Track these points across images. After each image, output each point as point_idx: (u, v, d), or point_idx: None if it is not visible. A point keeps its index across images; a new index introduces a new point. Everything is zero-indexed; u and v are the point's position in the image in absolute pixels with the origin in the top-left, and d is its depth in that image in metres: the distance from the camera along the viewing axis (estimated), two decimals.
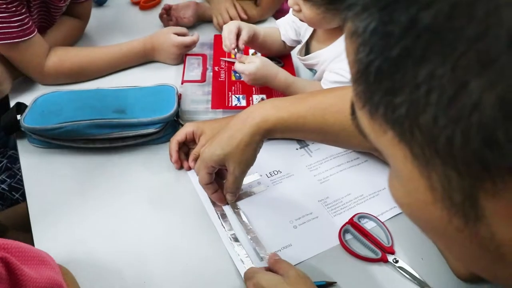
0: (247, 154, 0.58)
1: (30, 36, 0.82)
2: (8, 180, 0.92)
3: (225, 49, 0.83)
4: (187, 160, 0.72)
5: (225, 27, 0.82)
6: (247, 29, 0.82)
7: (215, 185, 0.63)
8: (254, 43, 0.88)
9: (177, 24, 1.07)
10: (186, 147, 0.73)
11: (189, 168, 0.71)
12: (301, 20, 0.77)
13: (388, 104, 0.23)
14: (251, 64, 0.76)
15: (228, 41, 0.80)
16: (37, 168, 0.72)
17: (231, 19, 1.07)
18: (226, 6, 1.09)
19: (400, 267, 0.58)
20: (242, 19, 1.08)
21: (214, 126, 0.71)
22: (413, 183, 0.24)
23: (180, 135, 0.71)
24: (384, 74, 0.23)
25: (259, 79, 0.77)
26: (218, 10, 1.09)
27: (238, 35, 0.82)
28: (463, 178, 0.22)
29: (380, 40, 0.22)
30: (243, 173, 0.61)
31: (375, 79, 0.23)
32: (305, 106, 0.58)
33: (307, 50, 0.88)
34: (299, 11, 0.74)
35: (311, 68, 0.89)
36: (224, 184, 0.63)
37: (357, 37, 0.24)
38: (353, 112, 0.29)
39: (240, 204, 0.66)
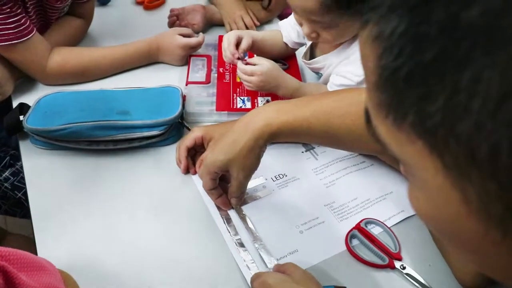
0: (251, 159, 0.57)
1: (29, 37, 0.80)
2: (12, 178, 0.91)
3: (225, 59, 0.83)
4: (194, 164, 0.71)
5: (224, 37, 0.82)
6: (247, 38, 0.82)
7: (219, 190, 0.62)
8: (256, 48, 0.87)
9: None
10: (193, 150, 0.72)
11: (195, 172, 0.70)
12: (311, 39, 0.76)
13: (419, 113, 0.21)
14: (262, 65, 0.75)
15: (228, 52, 0.80)
16: (40, 169, 0.72)
17: (246, 25, 1.07)
18: (241, 14, 1.07)
19: (407, 274, 0.57)
20: (255, 26, 1.08)
21: (223, 131, 0.70)
22: (443, 195, 0.23)
23: (189, 140, 0.70)
24: (415, 80, 0.21)
25: (270, 81, 0.76)
26: (232, 18, 1.08)
27: (238, 44, 0.81)
28: (506, 189, 0.20)
29: (411, 42, 0.21)
30: (248, 178, 0.60)
31: (405, 86, 0.21)
32: (310, 109, 0.56)
33: (311, 53, 0.87)
34: (317, 37, 0.73)
35: (316, 72, 0.88)
36: (229, 189, 0.62)
37: (381, 41, 0.22)
38: (368, 120, 0.28)
39: (245, 208, 0.65)
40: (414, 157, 0.23)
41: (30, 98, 0.82)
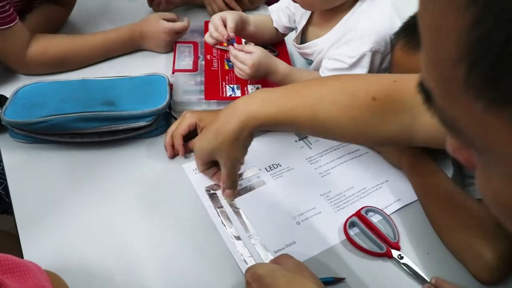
0: (235, 149, 0.56)
1: (11, 25, 0.76)
2: None
3: (207, 39, 0.77)
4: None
5: (210, 24, 0.78)
6: (231, 16, 0.78)
7: (214, 169, 0.63)
8: (245, 32, 0.84)
9: (166, 7, 1.03)
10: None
11: (184, 154, 0.70)
12: (294, 1, 0.73)
13: None
14: (253, 54, 0.72)
15: (215, 34, 0.76)
16: (21, 164, 0.68)
17: (227, 5, 1.03)
18: None
19: (404, 264, 0.57)
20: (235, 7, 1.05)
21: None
22: None
23: (183, 128, 0.68)
24: None
25: (261, 70, 0.74)
26: None
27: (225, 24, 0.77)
28: None
29: None
30: (234, 166, 0.60)
31: None
32: (296, 99, 0.55)
33: (303, 38, 0.84)
34: None
35: (307, 58, 0.86)
36: (221, 179, 0.61)
37: (480, 5, 0.18)
38: (428, 99, 0.24)
39: (239, 200, 0.63)
40: (508, 145, 0.20)
41: (7, 89, 0.77)
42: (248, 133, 0.55)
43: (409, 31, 0.65)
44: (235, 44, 0.74)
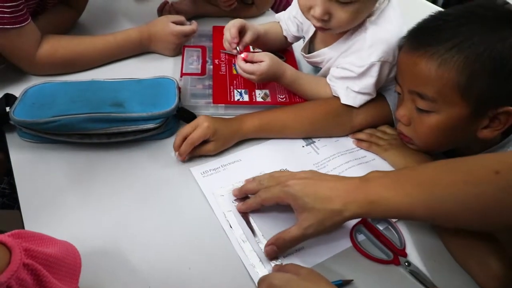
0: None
1: (23, 24, 0.76)
2: None
3: (225, 44, 0.80)
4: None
5: (229, 24, 0.79)
6: (252, 31, 0.80)
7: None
8: (257, 43, 0.85)
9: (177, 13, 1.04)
10: None
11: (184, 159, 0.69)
12: (328, 29, 0.70)
13: None
14: (262, 64, 0.73)
15: (229, 36, 0.77)
16: (29, 164, 0.68)
17: None
18: None
19: (412, 271, 0.56)
20: None
21: (227, 136, 0.70)
22: None
23: (198, 140, 0.68)
24: None
25: (268, 78, 0.75)
26: None
27: (242, 34, 0.79)
28: None
29: None
30: None
31: None
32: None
33: (310, 47, 0.85)
34: (329, 20, 0.68)
35: (315, 66, 0.87)
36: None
37: None
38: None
39: None
40: None
41: (16, 89, 0.77)
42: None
43: (412, 33, 0.64)
44: (243, 54, 0.75)
